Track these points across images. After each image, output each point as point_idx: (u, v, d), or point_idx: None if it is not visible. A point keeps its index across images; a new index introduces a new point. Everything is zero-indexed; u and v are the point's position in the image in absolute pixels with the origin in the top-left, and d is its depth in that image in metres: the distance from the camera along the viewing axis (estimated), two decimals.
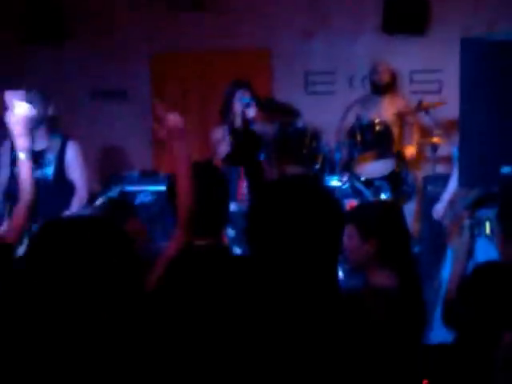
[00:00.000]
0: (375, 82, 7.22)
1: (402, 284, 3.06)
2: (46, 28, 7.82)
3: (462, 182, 4.52)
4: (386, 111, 7.06)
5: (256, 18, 7.74)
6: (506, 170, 4.33)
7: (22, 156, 3.35)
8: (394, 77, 7.42)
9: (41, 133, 5.35)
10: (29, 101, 5.24)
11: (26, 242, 3.02)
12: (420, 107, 6.84)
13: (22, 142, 3.33)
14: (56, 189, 5.40)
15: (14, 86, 7.29)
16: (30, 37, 7.84)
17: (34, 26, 7.81)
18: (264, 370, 2.05)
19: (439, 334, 3.47)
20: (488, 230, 4.03)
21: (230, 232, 5.25)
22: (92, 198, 5.46)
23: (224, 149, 5.69)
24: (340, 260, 2.18)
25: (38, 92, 5.29)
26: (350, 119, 6.87)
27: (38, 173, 5.30)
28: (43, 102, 5.33)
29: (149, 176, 6.37)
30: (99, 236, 2.31)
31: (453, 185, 5.23)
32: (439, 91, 7.49)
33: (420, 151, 7.15)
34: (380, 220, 3.11)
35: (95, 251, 2.26)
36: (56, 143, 5.46)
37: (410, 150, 6.96)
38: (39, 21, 7.80)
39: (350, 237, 3.07)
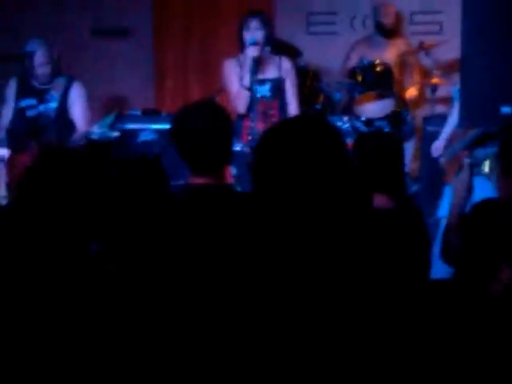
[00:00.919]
0: (381, 24, 7.15)
1: (399, 206, 3.19)
2: None
3: (463, 122, 4.55)
4: (388, 52, 7.05)
5: None
6: (505, 109, 4.36)
7: None
8: (399, 19, 7.40)
9: (47, 74, 5.67)
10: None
11: None
12: (421, 48, 6.87)
13: None
14: (58, 124, 5.67)
15: (15, 24, 7.36)
16: None
17: None
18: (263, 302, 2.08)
19: (437, 270, 3.53)
20: (486, 169, 4.08)
21: (234, 171, 5.30)
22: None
23: (238, 81, 5.61)
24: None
25: (40, 36, 5.75)
26: (352, 60, 6.90)
27: (42, 107, 5.64)
28: (46, 45, 5.66)
29: (151, 114, 6.39)
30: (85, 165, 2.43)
31: (451, 123, 5.28)
32: (439, 33, 7.47)
33: (420, 92, 7.18)
34: (373, 147, 3.28)
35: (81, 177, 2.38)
36: (61, 83, 5.74)
37: (411, 91, 7.00)
38: None
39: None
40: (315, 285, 2.01)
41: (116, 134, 5.41)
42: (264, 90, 5.60)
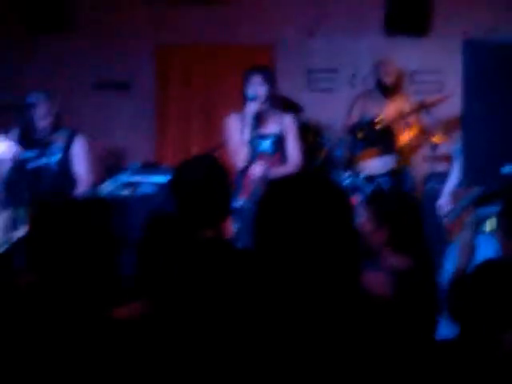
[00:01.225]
0: (382, 83, 7.18)
1: (416, 267, 3.17)
2: (48, 19, 7.80)
3: (465, 181, 4.56)
4: (388, 109, 7.08)
5: (260, 13, 7.77)
6: (506, 169, 4.37)
7: None
8: (400, 77, 7.43)
9: (48, 126, 5.67)
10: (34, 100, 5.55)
11: None
12: (422, 106, 6.89)
13: None
14: (59, 178, 5.64)
15: (17, 76, 7.39)
16: (32, 27, 7.83)
17: (36, 16, 7.79)
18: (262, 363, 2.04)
19: (441, 329, 3.49)
20: (489, 227, 4.06)
21: (235, 226, 5.25)
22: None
23: (238, 135, 5.57)
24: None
25: (41, 90, 5.75)
26: (354, 115, 6.94)
27: (43, 160, 5.61)
28: (47, 98, 5.68)
29: (150, 167, 6.39)
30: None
31: (452, 180, 5.28)
32: (440, 91, 7.51)
33: (418, 148, 7.20)
34: (395, 208, 3.27)
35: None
36: (63, 136, 5.72)
37: (405, 139, 6.98)
38: (42, 11, 7.78)
39: (366, 221, 3.20)
40: (309, 345, 1.98)
41: (128, 192, 5.36)
42: (265, 145, 5.57)
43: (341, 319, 2.02)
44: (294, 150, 5.64)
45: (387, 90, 7.17)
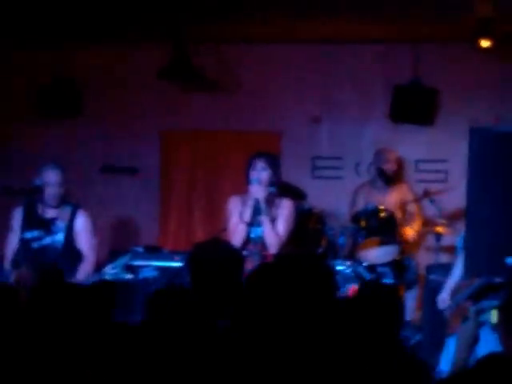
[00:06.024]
0: (383, 171, 7.21)
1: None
2: (60, 104, 7.97)
3: (468, 272, 4.52)
4: (390, 198, 7.08)
5: (267, 102, 7.87)
6: (511, 260, 4.33)
7: None
8: (401, 165, 7.48)
9: (56, 194, 5.59)
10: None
11: None
12: (426, 195, 6.90)
13: None
14: (65, 255, 5.60)
15: (27, 159, 7.44)
16: (44, 112, 7.99)
17: (48, 102, 7.97)
18: None
19: None
20: (493, 320, 4.00)
21: None
22: (99, 267, 5.56)
23: (238, 215, 5.54)
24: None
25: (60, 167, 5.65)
26: (358, 204, 6.94)
27: (48, 240, 5.59)
28: (60, 167, 5.65)
29: (153, 251, 6.36)
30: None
31: (456, 274, 5.22)
32: (444, 181, 7.54)
33: (420, 239, 7.18)
34: (367, 307, 3.22)
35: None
36: (66, 212, 5.67)
37: (410, 232, 6.97)
38: (54, 97, 7.96)
39: None
40: None
41: (129, 276, 5.33)
42: (259, 231, 5.49)
43: None
44: (278, 229, 5.50)
45: (387, 178, 7.18)
